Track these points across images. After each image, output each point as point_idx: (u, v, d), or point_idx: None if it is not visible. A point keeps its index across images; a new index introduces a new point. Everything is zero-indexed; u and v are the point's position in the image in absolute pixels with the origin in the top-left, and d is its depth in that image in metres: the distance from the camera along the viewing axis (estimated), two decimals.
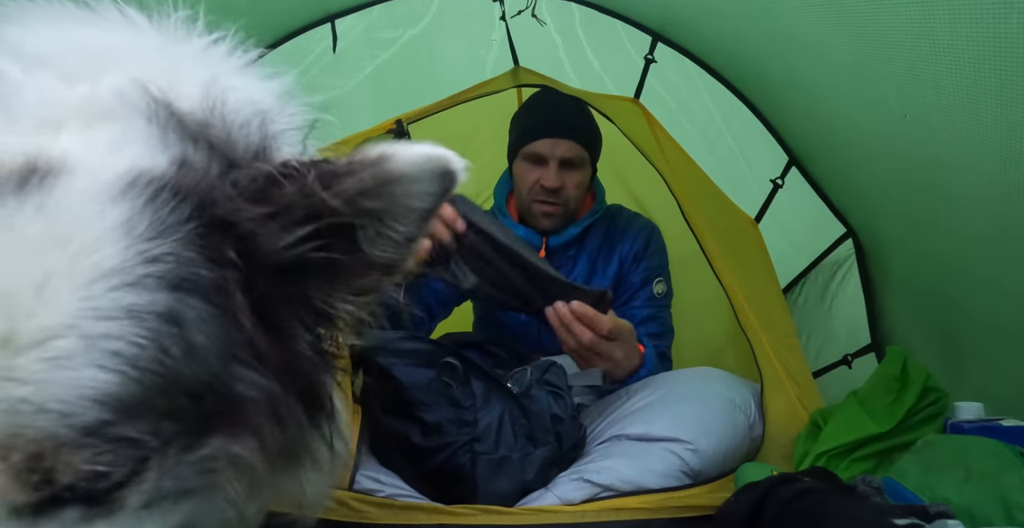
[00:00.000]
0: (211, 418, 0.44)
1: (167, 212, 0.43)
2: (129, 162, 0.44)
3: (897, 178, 1.45)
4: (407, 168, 0.46)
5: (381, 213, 0.46)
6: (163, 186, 0.43)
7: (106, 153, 0.45)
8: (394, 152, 0.45)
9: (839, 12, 1.23)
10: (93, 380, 0.37)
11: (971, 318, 1.41)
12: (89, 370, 0.37)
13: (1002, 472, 0.96)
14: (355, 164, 0.45)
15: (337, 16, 2.01)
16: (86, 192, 0.42)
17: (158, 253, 0.41)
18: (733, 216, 1.78)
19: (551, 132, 1.68)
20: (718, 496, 1.17)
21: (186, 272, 0.42)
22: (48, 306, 0.37)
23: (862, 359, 1.78)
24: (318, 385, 0.51)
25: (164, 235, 0.42)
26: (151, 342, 0.40)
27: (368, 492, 1.19)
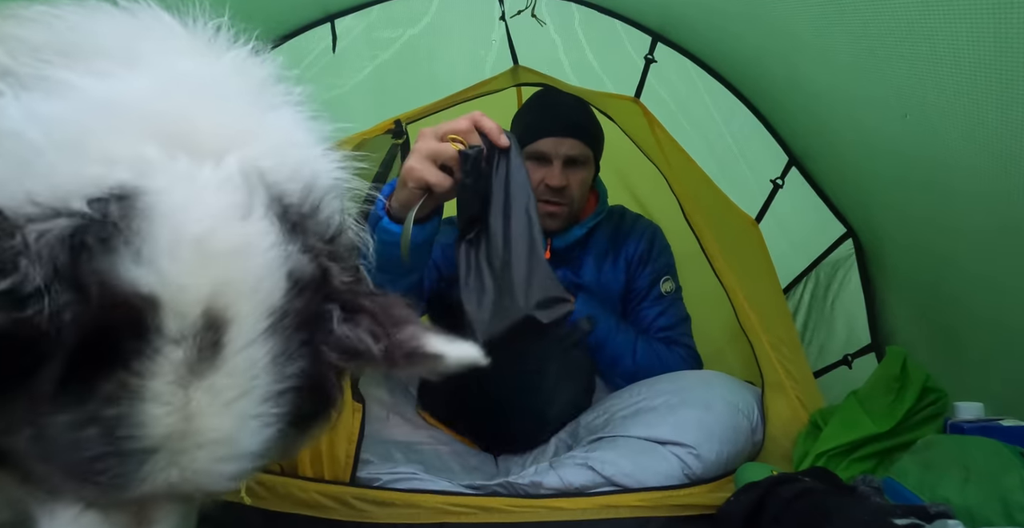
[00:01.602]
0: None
1: (294, 342, 0.56)
2: (268, 300, 0.54)
3: (897, 177, 1.45)
4: (450, 369, 0.61)
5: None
6: (291, 320, 0.55)
7: (251, 295, 0.53)
8: (447, 353, 0.61)
9: (839, 11, 1.23)
10: (267, 456, 0.57)
11: (971, 318, 1.41)
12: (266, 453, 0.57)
13: (1002, 472, 0.96)
14: (420, 356, 0.60)
15: (337, 16, 2.01)
16: (248, 343, 0.53)
17: (291, 372, 0.56)
18: (733, 216, 1.78)
19: (555, 131, 1.68)
20: (718, 495, 1.17)
21: (307, 380, 0.57)
22: (248, 432, 0.54)
23: (862, 359, 1.78)
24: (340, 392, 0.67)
25: (293, 359, 0.56)
26: (292, 426, 0.58)
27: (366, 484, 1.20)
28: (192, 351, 0.51)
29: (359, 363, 0.61)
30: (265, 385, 0.54)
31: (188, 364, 0.51)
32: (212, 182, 0.54)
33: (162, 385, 0.51)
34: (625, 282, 1.74)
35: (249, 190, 0.55)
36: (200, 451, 0.53)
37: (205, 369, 0.52)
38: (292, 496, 1.16)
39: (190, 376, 0.51)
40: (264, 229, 0.55)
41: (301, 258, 0.57)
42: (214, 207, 0.53)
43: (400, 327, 0.61)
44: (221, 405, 0.53)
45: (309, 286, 0.57)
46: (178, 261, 0.50)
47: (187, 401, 0.52)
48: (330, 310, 0.59)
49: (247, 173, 0.56)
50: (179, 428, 0.52)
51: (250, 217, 0.54)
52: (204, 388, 0.52)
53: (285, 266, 0.55)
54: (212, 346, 0.52)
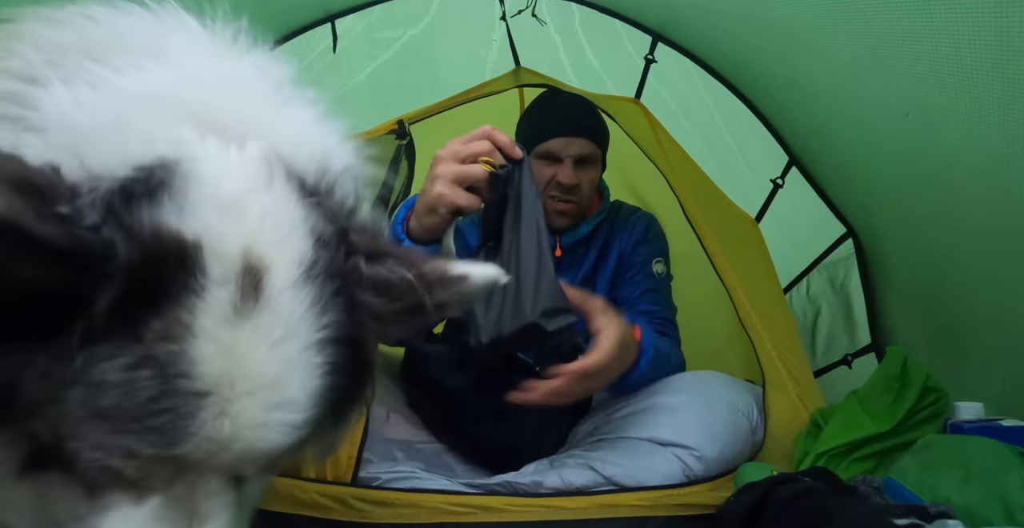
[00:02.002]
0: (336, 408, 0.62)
1: (328, 290, 0.58)
2: (297, 252, 0.57)
3: (898, 177, 1.45)
4: (479, 285, 0.66)
5: (455, 304, 0.67)
6: (320, 270, 0.58)
7: (284, 246, 0.57)
8: (472, 273, 0.66)
9: (840, 11, 1.23)
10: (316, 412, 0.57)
11: (971, 318, 1.41)
12: (312, 408, 0.57)
13: (1002, 472, 0.96)
14: (448, 278, 0.65)
15: (337, 16, 2.01)
16: (285, 289, 0.56)
17: (328, 321, 0.58)
18: (733, 216, 1.78)
19: (565, 131, 1.68)
20: (718, 495, 1.17)
21: (344, 331, 0.59)
22: (294, 379, 0.56)
23: (862, 359, 1.78)
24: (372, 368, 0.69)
25: (328, 308, 0.58)
26: (334, 382, 0.58)
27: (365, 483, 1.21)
28: (236, 292, 0.53)
29: (395, 298, 0.62)
30: (306, 331, 0.56)
31: (234, 304, 0.53)
32: (238, 159, 0.60)
33: (212, 323, 0.52)
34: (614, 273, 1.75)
35: (270, 167, 0.60)
36: (250, 398, 0.53)
37: (250, 309, 0.54)
38: (292, 496, 1.16)
39: (236, 316, 0.53)
40: (285, 194, 0.59)
41: (322, 220, 0.60)
42: (242, 175, 0.58)
43: (424, 260, 0.66)
44: (267, 347, 0.54)
45: (332, 242, 0.60)
46: (217, 214, 0.54)
47: (236, 341, 0.53)
48: (356, 259, 0.62)
49: (267, 155, 0.61)
50: (229, 370, 0.52)
51: (272, 185, 0.59)
52: (251, 328, 0.53)
53: (307, 225, 0.59)
54: (254, 289, 0.54)
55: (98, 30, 0.67)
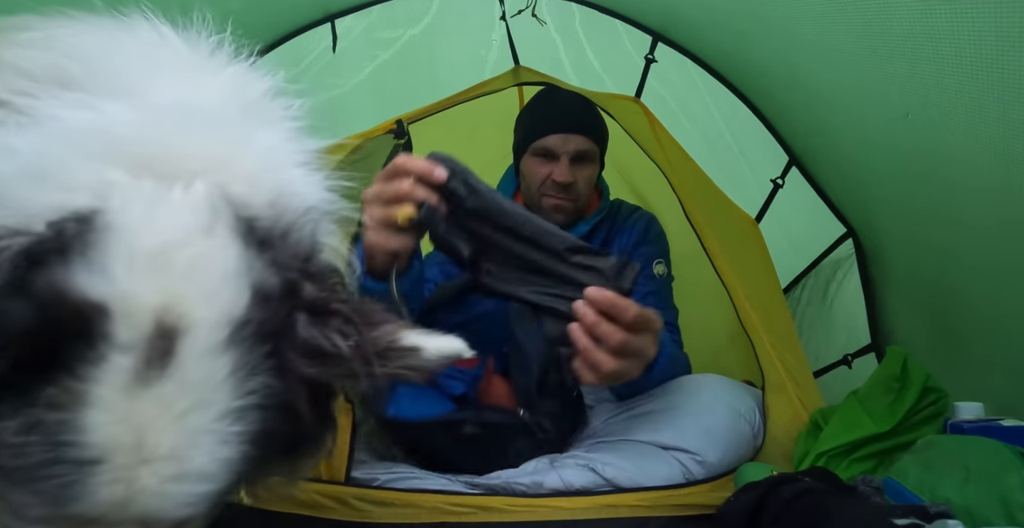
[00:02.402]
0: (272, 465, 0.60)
1: (258, 352, 0.54)
2: (226, 309, 0.53)
3: (898, 176, 1.45)
4: (430, 363, 0.61)
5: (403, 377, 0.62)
6: (252, 330, 0.54)
7: (208, 304, 0.53)
8: (424, 346, 0.61)
9: (840, 10, 1.23)
10: (229, 481, 0.54)
11: (971, 318, 1.41)
12: (228, 477, 0.54)
13: (1002, 472, 0.95)
14: (395, 351, 0.60)
15: (337, 16, 2.01)
16: (202, 353, 0.52)
17: (253, 388, 0.54)
18: (733, 216, 1.78)
19: (562, 127, 1.68)
20: (718, 495, 1.17)
21: (271, 397, 0.55)
22: (199, 451, 0.52)
23: (862, 359, 1.77)
24: (331, 414, 0.66)
25: (255, 373, 0.54)
26: (255, 449, 0.55)
27: (364, 484, 1.20)
28: (141, 359, 0.50)
29: (329, 367, 0.58)
30: (223, 399, 0.53)
31: (135, 372, 0.50)
32: (176, 202, 0.56)
33: (106, 391, 0.50)
34: None
35: (213, 210, 0.56)
36: (147, 467, 0.51)
37: (154, 378, 0.51)
38: (291, 496, 1.16)
39: (137, 384, 0.50)
40: (224, 244, 0.55)
41: (267, 272, 0.56)
42: (174, 223, 0.54)
43: (374, 326, 0.60)
44: (170, 418, 0.51)
45: (274, 298, 0.56)
46: (130, 271, 0.51)
47: (132, 411, 0.50)
48: (296, 317, 0.58)
49: (214, 195, 0.57)
50: (124, 439, 0.50)
51: (211, 234, 0.55)
52: (152, 398, 0.51)
53: (248, 279, 0.55)
54: (163, 355, 0.51)
55: (56, 56, 0.64)
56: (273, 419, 0.55)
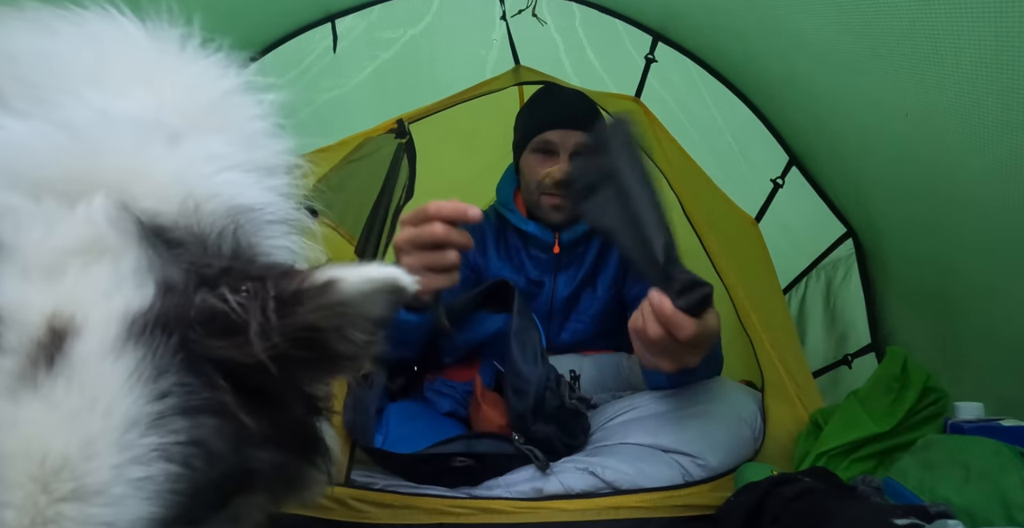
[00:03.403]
0: (231, 491, 0.52)
1: (162, 349, 0.49)
2: (124, 305, 0.49)
3: (898, 177, 1.45)
4: (353, 293, 0.51)
5: (337, 327, 0.52)
6: (154, 324, 0.49)
7: (105, 302, 0.49)
8: (340, 278, 0.50)
9: (840, 10, 1.23)
10: (145, 511, 0.46)
11: (971, 317, 1.41)
12: (140, 505, 0.46)
13: (1002, 472, 0.95)
14: (305, 292, 0.50)
15: (337, 16, 2.01)
16: (98, 352, 0.47)
17: (165, 388, 0.48)
18: (733, 215, 1.78)
19: (562, 124, 1.68)
20: (718, 495, 1.17)
21: (191, 398, 0.48)
22: (98, 464, 0.45)
23: (862, 359, 1.78)
24: (313, 433, 0.59)
25: (166, 371, 0.48)
26: (181, 466, 0.47)
27: (364, 487, 1.20)
28: (25, 361, 0.46)
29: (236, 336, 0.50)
30: (127, 403, 0.47)
31: (19, 373, 0.46)
32: (75, 217, 0.53)
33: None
34: (616, 272, 1.74)
35: (111, 221, 0.54)
36: (36, 484, 0.44)
37: (40, 379, 0.46)
38: None
39: (21, 386, 0.46)
40: (120, 251, 0.52)
41: (173, 268, 0.53)
42: (67, 236, 0.52)
43: (279, 276, 0.52)
44: (58, 421, 0.45)
45: (179, 289, 0.51)
46: (23, 281, 0.49)
47: (17, 414, 0.45)
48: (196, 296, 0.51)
49: (113, 209, 0.54)
50: (7, 448, 0.44)
51: (105, 242, 0.52)
52: (39, 400, 0.46)
53: (149, 276, 0.52)
54: (50, 356, 0.47)
55: (8, 61, 0.62)
56: (205, 428, 0.48)
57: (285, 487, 0.58)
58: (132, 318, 0.49)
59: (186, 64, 0.66)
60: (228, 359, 0.50)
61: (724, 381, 1.47)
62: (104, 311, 0.49)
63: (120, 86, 0.63)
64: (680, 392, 1.38)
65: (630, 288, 1.71)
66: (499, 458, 1.26)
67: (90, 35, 0.65)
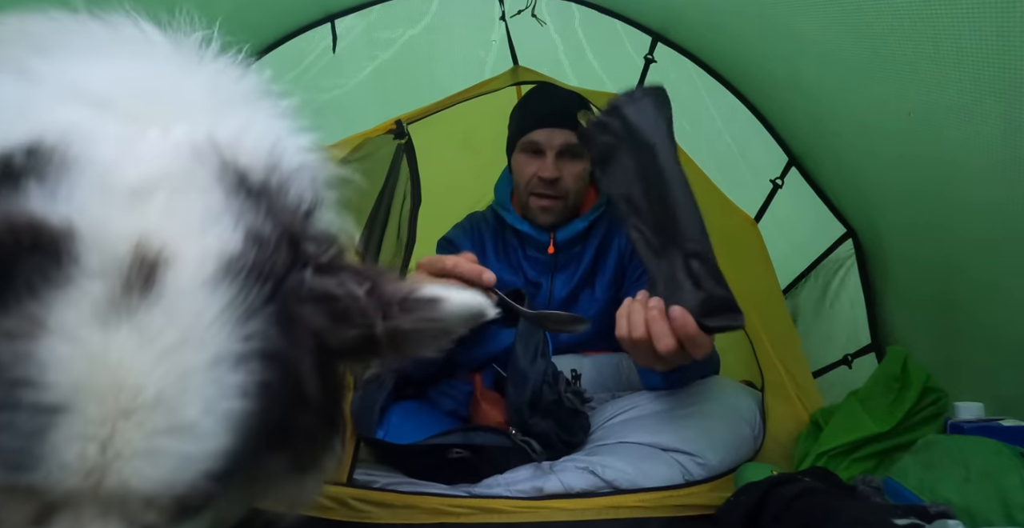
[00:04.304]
0: (272, 443, 0.52)
1: (253, 295, 0.48)
2: (218, 244, 0.48)
3: (899, 176, 1.45)
4: (452, 313, 0.55)
5: (422, 337, 0.56)
6: (247, 270, 0.49)
7: (197, 237, 0.48)
8: (446, 297, 0.55)
9: (841, 11, 1.23)
10: (225, 443, 0.46)
11: (971, 317, 1.41)
12: (222, 438, 0.46)
13: (1002, 472, 0.95)
14: (413, 301, 0.54)
15: (337, 16, 2.01)
16: (193, 285, 0.46)
17: (251, 332, 0.47)
18: (733, 216, 1.78)
19: (548, 122, 1.67)
20: (717, 495, 1.17)
21: (271, 346, 0.49)
22: (191, 397, 0.44)
23: (862, 359, 1.77)
24: (337, 413, 0.60)
25: (254, 316, 0.48)
26: (256, 407, 0.48)
27: (365, 485, 1.20)
28: (117, 285, 0.43)
29: (342, 316, 0.52)
30: (216, 339, 0.46)
31: (111, 299, 0.43)
32: (153, 143, 0.52)
33: (73, 319, 0.42)
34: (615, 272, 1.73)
35: (196, 154, 0.52)
36: (126, 419, 0.42)
37: (133, 306, 0.43)
38: None
39: (112, 313, 0.43)
40: (208, 187, 0.51)
41: (261, 219, 0.52)
42: (152, 161, 0.50)
43: (388, 279, 0.54)
44: (155, 354, 0.43)
45: (271, 244, 0.51)
46: (103, 200, 0.46)
47: (107, 344, 0.42)
48: (301, 269, 0.52)
49: (196, 141, 0.53)
50: (95, 380, 0.42)
51: (193, 174, 0.51)
52: (130, 328, 0.43)
53: (239, 222, 0.50)
54: (144, 282, 0.44)
55: (23, 50, 0.60)
56: (275, 378, 0.49)
57: (306, 455, 0.58)
58: (226, 258, 0.48)
59: (207, 64, 0.65)
60: (320, 330, 0.51)
61: (724, 381, 1.47)
62: (197, 246, 0.47)
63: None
64: (680, 391, 1.38)
65: (629, 290, 1.71)
66: (497, 453, 1.26)
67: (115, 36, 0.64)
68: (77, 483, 0.42)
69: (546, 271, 1.76)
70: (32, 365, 0.41)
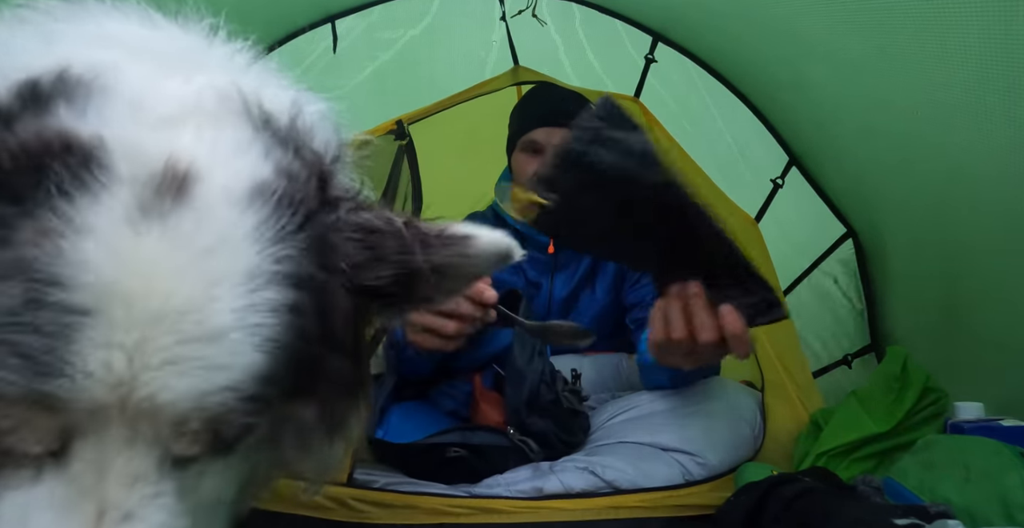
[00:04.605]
0: (299, 387, 0.51)
1: (285, 220, 0.48)
2: (248, 170, 0.48)
3: (900, 176, 1.45)
4: (481, 250, 0.56)
5: (446, 274, 0.56)
6: (278, 196, 0.48)
7: (227, 160, 0.48)
8: (478, 235, 0.56)
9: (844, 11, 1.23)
10: (255, 361, 0.45)
11: (971, 317, 1.41)
12: (253, 354, 0.44)
13: (1002, 472, 0.95)
14: (447, 237, 0.55)
15: (337, 17, 2.01)
16: (223, 200, 0.46)
17: (283, 255, 0.47)
18: (733, 216, 1.77)
19: (548, 121, 1.67)
20: (717, 495, 1.17)
21: (304, 272, 0.48)
22: (222, 306, 0.43)
23: (862, 359, 1.77)
24: (365, 366, 0.60)
25: (285, 240, 0.47)
26: (285, 329, 0.46)
27: (364, 485, 1.20)
28: (147, 192, 0.43)
29: (377, 244, 0.52)
30: (247, 254, 0.45)
31: (141, 204, 0.42)
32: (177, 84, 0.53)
33: (104, 221, 0.41)
34: (616, 274, 1.73)
35: (221, 96, 0.53)
36: (155, 325, 0.41)
37: (164, 211, 0.43)
38: (291, 496, 1.16)
39: (142, 216, 0.42)
40: (236, 124, 0.52)
41: (290, 158, 0.52)
42: (180, 97, 0.51)
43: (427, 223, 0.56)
44: (185, 258, 0.42)
45: (301, 179, 0.51)
46: (135, 121, 0.47)
47: (137, 246, 0.41)
48: (335, 204, 0.52)
49: (222, 85, 0.54)
50: (124, 283, 0.41)
51: (219, 113, 0.51)
52: (161, 232, 0.42)
53: (270, 157, 0.50)
54: (175, 192, 0.44)
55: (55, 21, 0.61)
56: (307, 306, 0.48)
57: (335, 407, 0.57)
58: (256, 183, 0.48)
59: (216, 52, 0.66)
60: (356, 264, 0.52)
61: (724, 381, 1.47)
62: (227, 169, 0.47)
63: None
64: (679, 391, 1.38)
65: (628, 292, 1.71)
66: (495, 453, 1.26)
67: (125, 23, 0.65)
68: (103, 396, 0.41)
69: (546, 271, 1.76)
70: (62, 264, 0.40)
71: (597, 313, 1.75)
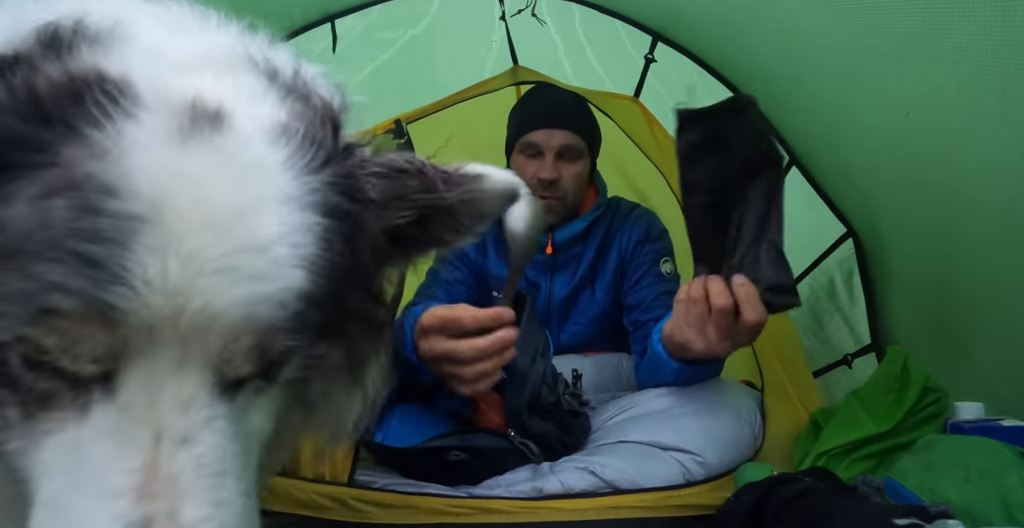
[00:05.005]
0: (328, 321, 0.52)
1: (310, 156, 0.50)
2: (269, 113, 0.50)
3: (899, 175, 1.45)
4: (496, 187, 0.60)
5: (463, 210, 0.60)
6: (301, 135, 0.50)
7: (250, 102, 0.50)
8: (489, 173, 0.60)
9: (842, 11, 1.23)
10: (298, 278, 0.46)
11: (971, 317, 1.41)
12: (295, 271, 0.46)
13: (1002, 472, 0.95)
14: (461, 176, 0.59)
15: (337, 16, 2.01)
16: (255, 133, 0.48)
17: (314, 186, 0.49)
18: None
19: (546, 123, 1.67)
20: (717, 495, 1.17)
21: (334, 204, 0.50)
22: (267, 220, 0.45)
23: (862, 359, 1.77)
24: (386, 314, 0.61)
25: (313, 173, 0.49)
26: (321, 252, 0.48)
27: (364, 486, 1.20)
28: (181, 116, 0.45)
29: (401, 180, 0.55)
30: (284, 178, 0.47)
31: (180, 127, 0.44)
32: (191, 36, 0.55)
33: (149, 138, 0.43)
34: (616, 273, 1.73)
35: (232, 49, 0.55)
36: (206, 232, 0.42)
37: (204, 135, 0.45)
38: (291, 496, 1.16)
39: (185, 137, 0.44)
40: (249, 76, 0.53)
41: (300, 106, 0.54)
42: (190, 45, 0.53)
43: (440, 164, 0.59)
44: (230, 171, 0.45)
45: (315, 123, 0.53)
46: (151, 64, 0.48)
47: (184, 160, 0.43)
48: (353, 148, 0.54)
49: (231, 41, 0.57)
50: (175, 192, 0.42)
51: (232, 64, 0.53)
52: (205, 150, 0.44)
53: (285, 103, 0.52)
54: (210, 121, 0.46)
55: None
56: (338, 235, 0.50)
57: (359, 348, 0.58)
58: (280, 122, 0.50)
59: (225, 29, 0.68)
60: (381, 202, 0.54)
61: (724, 381, 1.47)
62: (250, 109, 0.49)
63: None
64: (679, 391, 1.38)
65: (627, 293, 1.71)
66: (496, 455, 1.26)
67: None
68: (160, 306, 0.41)
69: (545, 271, 1.76)
70: (115, 175, 0.41)
71: (596, 313, 1.75)
